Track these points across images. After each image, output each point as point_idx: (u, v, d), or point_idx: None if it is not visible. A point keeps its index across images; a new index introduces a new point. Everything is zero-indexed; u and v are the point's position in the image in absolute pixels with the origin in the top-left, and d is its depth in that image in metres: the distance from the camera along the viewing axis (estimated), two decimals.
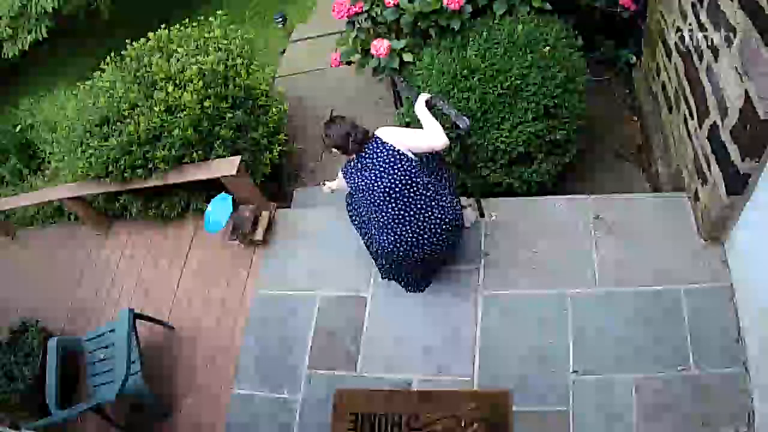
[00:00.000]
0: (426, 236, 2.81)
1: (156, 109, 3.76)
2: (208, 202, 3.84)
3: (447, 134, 2.77)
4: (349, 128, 2.80)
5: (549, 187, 3.52)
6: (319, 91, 5.08)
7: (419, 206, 2.78)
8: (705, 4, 2.58)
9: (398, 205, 2.77)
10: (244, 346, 3.44)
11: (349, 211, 3.17)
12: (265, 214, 3.84)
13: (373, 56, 3.39)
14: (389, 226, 2.81)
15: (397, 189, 2.75)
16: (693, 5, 2.73)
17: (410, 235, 2.80)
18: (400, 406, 2.96)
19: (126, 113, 3.85)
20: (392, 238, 2.82)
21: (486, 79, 3.10)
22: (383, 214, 2.80)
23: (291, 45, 5.88)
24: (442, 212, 2.81)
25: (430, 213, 2.79)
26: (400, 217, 2.78)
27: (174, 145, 3.75)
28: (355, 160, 2.84)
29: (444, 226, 2.83)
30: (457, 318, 3.13)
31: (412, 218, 2.78)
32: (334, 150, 2.89)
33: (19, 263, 4.99)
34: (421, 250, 2.85)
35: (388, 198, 2.76)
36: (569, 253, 3.15)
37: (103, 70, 4.22)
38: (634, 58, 3.98)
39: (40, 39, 6.36)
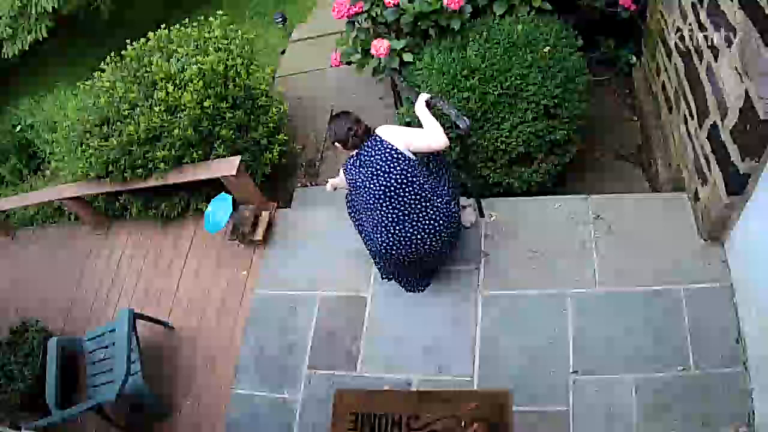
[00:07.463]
0: (420, 237, 2.81)
1: (156, 109, 3.76)
2: (208, 202, 3.85)
3: (447, 134, 2.77)
4: (351, 123, 2.82)
5: (549, 187, 3.52)
6: (319, 91, 5.08)
7: (415, 206, 2.77)
8: (705, 4, 2.58)
9: (394, 204, 2.76)
10: (244, 346, 3.45)
11: (348, 209, 3.17)
12: (265, 214, 3.84)
13: (373, 56, 3.38)
14: (384, 225, 2.80)
15: (393, 188, 2.74)
16: (693, 5, 2.73)
17: (404, 235, 2.80)
18: (400, 406, 2.96)
19: (126, 113, 3.85)
20: (386, 237, 2.82)
21: (486, 79, 3.09)
22: (379, 212, 2.80)
23: (291, 45, 5.87)
24: (437, 214, 2.81)
25: (425, 214, 2.79)
26: (395, 216, 2.78)
27: (174, 145, 3.75)
28: (355, 157, 2.84)
29: (439, 228, 2.82)
30: (457, 318, 3.13)
31: (407, 218, 2.78)
32: (338, 145, 2.91)
33: (19, 263, 4.99)
34: (414, 251, 2.85)
35: (384, 196, 2.76)
36: (569, 253, 3.15)
37: (103, 70, 4.22)
38: (634, 58, 3.98)
39: (40, 39, 6.35)
